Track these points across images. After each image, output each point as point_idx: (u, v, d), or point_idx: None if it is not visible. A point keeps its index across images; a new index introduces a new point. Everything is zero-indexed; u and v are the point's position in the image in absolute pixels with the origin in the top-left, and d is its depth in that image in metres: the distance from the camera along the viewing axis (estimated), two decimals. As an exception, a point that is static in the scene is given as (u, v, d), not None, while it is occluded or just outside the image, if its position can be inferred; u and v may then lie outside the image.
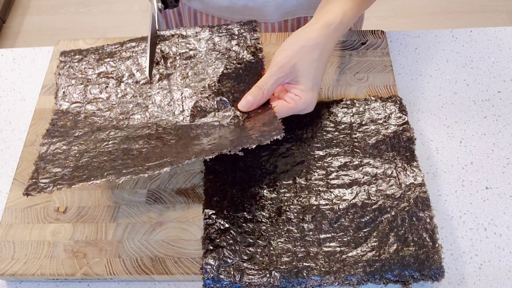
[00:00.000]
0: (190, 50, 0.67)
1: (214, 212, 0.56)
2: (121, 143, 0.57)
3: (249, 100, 0.57)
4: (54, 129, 0.61)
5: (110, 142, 0.58)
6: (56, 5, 2.14)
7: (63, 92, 0.65)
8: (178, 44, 0.67)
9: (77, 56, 0.69)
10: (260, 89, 0.57)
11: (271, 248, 0.53)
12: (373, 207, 0.56)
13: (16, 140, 0.69)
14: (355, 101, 0.64)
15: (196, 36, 0.68)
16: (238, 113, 0.59)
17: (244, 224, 0.55)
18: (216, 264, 0.53)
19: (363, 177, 0.58)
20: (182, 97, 0.62)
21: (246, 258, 0.53)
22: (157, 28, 0.68)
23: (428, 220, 0.54)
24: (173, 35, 0.68)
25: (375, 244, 0.53)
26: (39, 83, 0.74)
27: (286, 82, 0.58)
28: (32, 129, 0.66)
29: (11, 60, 0.78)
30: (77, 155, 0.56)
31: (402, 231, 0.54)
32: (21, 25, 2.09)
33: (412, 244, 0.53)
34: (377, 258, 0.52)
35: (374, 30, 0.72)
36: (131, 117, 0.62)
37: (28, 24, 2.10)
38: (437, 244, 0.53)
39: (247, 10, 0.78)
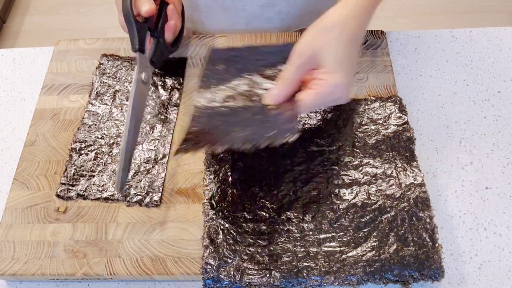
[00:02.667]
0: None
1: (214, 212, 0.56)
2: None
3: (274, 93, 0.55)
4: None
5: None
6: (56, 5, 2.14)
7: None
8: None
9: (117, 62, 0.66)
10: (284, 80, 0.54)
11: (271, 248, 0.53)
12: (373, 207, 0.56)
13: (16, 140, 0.69)
14: (355, 101, 0.64)
15: None
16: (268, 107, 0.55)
17: (244, 224, 0.55)
18: (216, 264, 0.53)
19: (363, 177, 0.58)
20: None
21: (246, 258, 0.53)
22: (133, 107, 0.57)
23: (428, 220, 0.54)
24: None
25: (375, 244, 0.53)
26: (39, 83, 0.74)
27: (311, 68, 0.54)
28: (32, 129, 0.66)
29: (11, 60, 0.78)
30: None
31: (402, 231, 0.54)
32: (21, 25, 2.09)
33: (412, 244, 0.53)
34: (377, 258, 0.52)
35: (374, 30, 0.72)
36: None
37: (28, 24, 2.10)
38: (437, 244, 0.53)
39: (249, 29, 0.78)
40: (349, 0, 0.55)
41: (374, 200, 0.56)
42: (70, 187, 0.60)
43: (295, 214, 0.56)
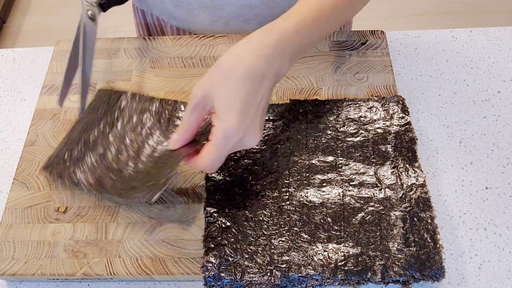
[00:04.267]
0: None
1: (215, 210, 0.56)
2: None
3: (173, 137, 0.53)
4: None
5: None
6: (56, 5, 2.14)
7: None
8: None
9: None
10: (182, 124, 0.52)
11: (272, 247, 0.53)
12: (375, 207, 0.56)
13: (16, 140, 0.69)
14: (356, 101, 0.64)
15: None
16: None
17: (245, 223, 0.55)
18: (217, 262, 0.53)
19: (365, 177, 0.58)
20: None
21: (247, 256, 0.53)
22: (84, 40, 0.62)
23: (429, 221, 0.54)
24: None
25: (376, 244, 0.53)
26: (39, 83, 0.74)
27: (208, 111, 0.51)
28: (32, 129, 0.66)
29: (11, 60, 0.78)
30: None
31: (403, 231, 0.54)
32: (21, 25, 2.09)
33: (413, 244, 0.53)
34: (378, 258, 0.52)
35: (374, 30, 0.73)
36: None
37: (28, 24, 2.10)
38: (438, 245, 0.53)
39: (228, 29, 0.78)
40: (253, 36, 0.51)
41: (375, 200, 0.56)
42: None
43: (297, 213, 0.56)
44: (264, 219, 0.56)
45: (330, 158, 0.60)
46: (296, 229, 0.55)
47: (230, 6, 0.74)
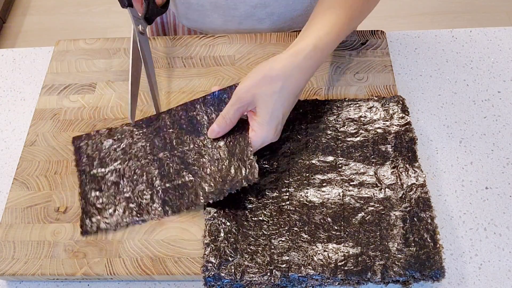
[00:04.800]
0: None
1: (216, 210, 0.56)
2: None
3: (214, 128, 0.59)
4: None
5: None
6: (56, 5, 2.14)
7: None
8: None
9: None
10: (223, 118, 0.58)
11: (272, 247, 0.53)
12: (375, 207, 0.56)
13: (16, 140, 0.69)
14: (356, 101, 0.64)
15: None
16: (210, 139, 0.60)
17: (245, 223, 0.55)
18: (217, 262, 0.53)
19: (365, 177, 0.58)
20: None
21: (247, 256, 0.53)
22: (141, 55, 0.65)
23: (429, 221, 0.54)
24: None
25: (376, 244, 0.53)
26: (39, 83, 0.74)
27: (249, 110, 0.57)
28: (32, 129, 0.66)
29: (11, 60, 0.78)
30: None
31: (403, 231, 0.54)
32: (21, 25, 2.09)
33: (413, 244, 0.53)
34: (378, 258, 0.52)
35: (374, 30, 0.72)
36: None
37: (28, 24, 2.10)
38: (438, 245, 0.53)
39: (241, 29, 0.78)
40: (300, 50, 0.56)
41: (375, 200, 0.56)
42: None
43: (297, 213, 0.56)
44: (264, 219, 0.56)
45: (330, 158, 0.60)
46: (296, 229, 0.55)
47: (243, 5, 0.74)
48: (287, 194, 0.57)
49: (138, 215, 0.57)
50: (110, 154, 0.62)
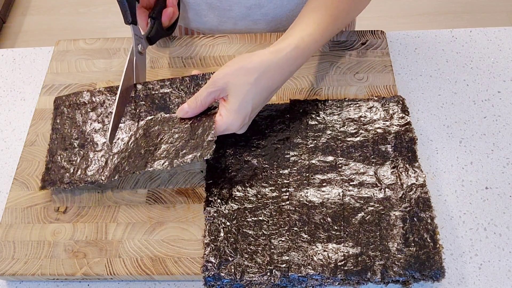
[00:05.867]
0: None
1: (215, 210, 0.56)
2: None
3: (184, 108, 0.59)
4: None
5: None
6: (56, 5, 2.15)
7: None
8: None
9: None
10: (195, 99, 0.58)
11: (272, 247, 0.53)
12: (374, 207, 0.56)
13: (16, 140, 0.69)
14: (356, 101, 0.64)
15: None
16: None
17: (245, 223, 0.55)
18: (217, 262, 0.53)
19: (365, 177, 0.58)
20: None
21: (247, 256, 0.53)
22: (134, 76, 0.64)
23: (429, 221, 0.54)
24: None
25: (376, 244, 0.53)
26: (39, 83, 0.74)
27: (220, 97, 0.57)
28: (32, 129, 0.66)
29: (11, 60, 0.78)
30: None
31: (403, 231, 0.54)
32: (21, 25, 2.09)
33: (413, 244, 0.53)
34: (378, 258, 0.52)
35: (374, 30, 0.72)
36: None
37: (28, 24, 2.10)
38: (438, 245, 0.53)
39: (236, 29, 0.79)
40: (282, 49, 0.57)
41: (375, 200, 0.56)
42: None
43: (296, 213, 0.56)
44: (264, 219, 0.56)
45: (330, 158, 0.60)
46: (296, 229, 0.55)
47: (239, 6, 0.74)
48: (287, 194, 0.57)
49: (90, 177, 0.60)
50: (82, 116, 0.65)
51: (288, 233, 0.54)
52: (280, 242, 0.54)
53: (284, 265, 0.52)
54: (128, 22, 0.63)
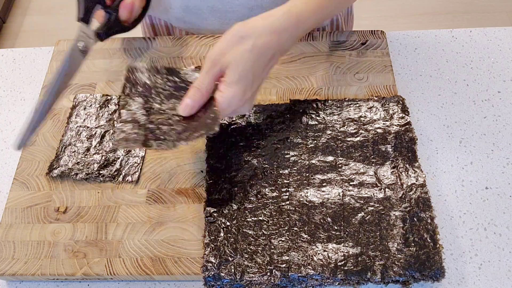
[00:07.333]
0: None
1: (215, 210, 0.56)
2: None
3: (188, 103, 0.55)
4: None
5: None
6: (56, 5, 2.15)
7: None
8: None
9: None
10: (198, 90, 0.54)
11: (272, 247, 0.53)
12: (374, 207, 0.56)
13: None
14: (356, 101, 0.64)
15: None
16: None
17: (245, 223, 0.55)
18: (217, 262, 0.53)
19: (365, 177, 0.58)
20: None
21: (247, 256, 0.53)
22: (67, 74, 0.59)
23: (429, 221, 0.54)
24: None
25: (376, 244, 0.53)
26: (39, 83, 0.74)
27: (220, 74, 0.54)
28: (32, 129, 0.66)
29: (11, 60, 0.78)
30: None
31: (403, 231, 0.54)
32: (21, 25, 2.09)
33: (413, 244, 0.53)
34: (378, 258, 0.52)
35: (374, 30, 0.72)
36: None
37: (28, 24, 2.10)
38: (438, 245, 0.53)
39: None
40: (273, 13, 0.54)
41: (375, 200, 0.56)
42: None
43: (296, 213, 0.56)
44: (264, 219, 0.56)
45: (330, 158, 0.60)
46: (296, 229, 0.55)
47: (240, 7, 0.74)
48: (287, 194, 0.57)
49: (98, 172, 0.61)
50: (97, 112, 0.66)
51: (288, 233, 0.54)
52: (280, 242, 0.54)
53: (284, 265, 0.52)
54: (78, 19, 0.60)
